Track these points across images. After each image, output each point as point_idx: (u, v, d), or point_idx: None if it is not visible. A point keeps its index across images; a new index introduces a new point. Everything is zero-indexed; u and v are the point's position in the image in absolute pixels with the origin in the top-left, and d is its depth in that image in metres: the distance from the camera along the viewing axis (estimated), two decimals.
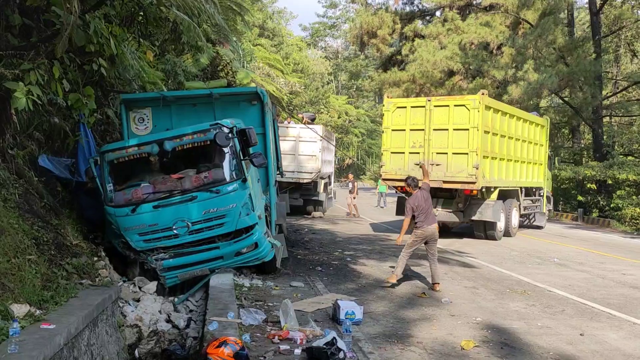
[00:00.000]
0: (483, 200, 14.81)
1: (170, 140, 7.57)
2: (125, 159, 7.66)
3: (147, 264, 7.65)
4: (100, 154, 7.86)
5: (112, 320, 6.12)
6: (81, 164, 9.04)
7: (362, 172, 66.84)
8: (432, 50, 26.44)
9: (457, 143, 13.91)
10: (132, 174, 7.90)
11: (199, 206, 7.39)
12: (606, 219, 22.24)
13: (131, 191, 7.58)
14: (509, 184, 16.00)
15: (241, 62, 29.45)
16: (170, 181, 7.61)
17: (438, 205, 14.70)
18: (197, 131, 7.60)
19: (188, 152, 7.75)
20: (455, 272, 10.45)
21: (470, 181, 13.68)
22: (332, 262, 10.98)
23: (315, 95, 51.59)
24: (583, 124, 28.60)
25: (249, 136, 7.62)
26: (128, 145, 7.82)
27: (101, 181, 7.73)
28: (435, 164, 14.08)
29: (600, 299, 8.61)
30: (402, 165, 14.74)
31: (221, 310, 6.42)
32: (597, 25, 26.16)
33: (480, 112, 13.64)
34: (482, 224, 15.21)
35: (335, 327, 6.37)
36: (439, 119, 14.20)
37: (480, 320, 7.11)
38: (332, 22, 73.76)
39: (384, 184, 24.91)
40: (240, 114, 9.10)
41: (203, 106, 9.30)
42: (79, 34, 7.47)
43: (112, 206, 7.55)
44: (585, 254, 13.63)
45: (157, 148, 7.56)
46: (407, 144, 14.69)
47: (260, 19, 45.62)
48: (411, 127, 14.64)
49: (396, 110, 15.00)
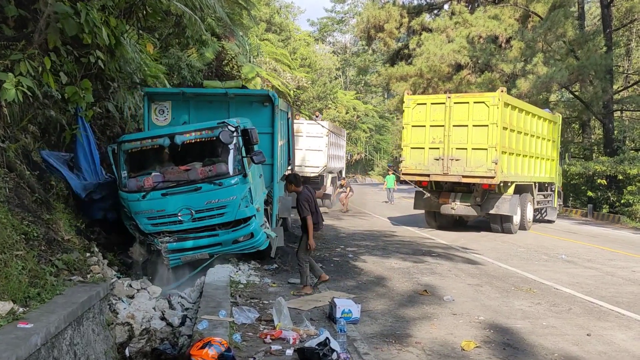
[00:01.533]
0: (500, 195, 15.14)
1: (180, 134, 8.18)
2: (139, 149, 8.30)
3: (153, 245, 8.16)
4: (117, 143, 8.42)
5: (100, 318, 5.92)
6: (81, 159, 8.92)
7: (370, 168, 66.56)
8: (439, 44, 26.07)
9: (476, 139, 14.34)
10: (145, 163, 8.49)
11: (202, 196, 7.95)
12: (616, 214, 21.85)
13: (143, 179, 8.17)
14: (524, 179, 16.33)
15: (247, 57, 29.24)
16: (179, 172, 8.22)
17: (456, 199, 15.21)
18: (205, 128, 8.22)
19: (196, 146, 8.35)
20: (459, 269, 10.19)
21: (490, 176, 14.12)
22: (333, 259, 10.77)
23: (322, 91, 51.18)
24: (593, 118, 28.12)
25: (251, 135, 8.23)
26: (143, 137, 8.51)
27: (117, 168, 8.35)
28: (455, 159, 14.59)
29: (608, 297, 8.33)
30: (422, 160, 15.17)
31: (214, 308, 6.24)
32: (608, 18, 25.68)
33: (500, 109, 14.02)
34: (499, 217, 15.55)
35: (332, 326, 6.15)
36: (459, 115, 14.61)
37: (483, 320, 6.87)
38: (340, 17, 73.21)
39: (392, 175, 25.89)
40: (252, 113, 9.84)
41: (218, 104, 10.05)
42: (70, 23, 7.30)
43: (125, 191, 8.15)
44: (594, 250, 13.32)
45: (169, 141, 8.13)
46: (427, 139, 15.09)
47: (267, 14, 45.31)
48: (431, 123, 15.04)
49: (416, 107, 15.42)
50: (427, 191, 15.76)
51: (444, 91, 27.46)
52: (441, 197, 15.44)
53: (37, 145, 8.37)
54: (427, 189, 15.76)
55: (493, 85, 26.13)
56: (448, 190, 15.49)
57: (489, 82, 26.37)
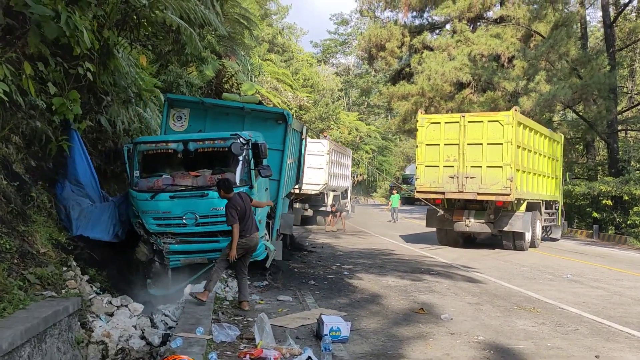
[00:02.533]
0: (513, 212, 15.25)
1: (194, 142, 8.54)
2: (153, 152, 8.67)
3: (156, 245, 8.30)
4: (133, 144, 8.80)
5: (69, 336, 5.50)
6: (80, 174, 8.67)
7: (373, 190, 66.06)
8: (441, 62, 25.85)
9: (491, 157, 14.57)
10: (157, 166, 8.78)
11: (208, 203, 8.17)
12: (622, 235, 21.30)
13: (154, 180, 8.51)
14: (534, 197, 16.53)
15: (249, 76, 29.14)
16: (188, 177, 8.54)
17: (470, 216, 15.29)
18: (218, 138, 8.57)
19: (208, 155, 8.68)
20: (459, 287, 9.73)
21: (505, 193, 14.31)
22: (327, 276, 10.33)
23: (325, 111, 51.05)
24: (598, 139, 27.72)
25: (260, 150, 8.55)
26: (158, 140, 9.00)
27: (130, 167, 8.69)
28: (470, 176, 14.76)
29: (617, 317, 7.85)
30: (437, 178, 15.32)
31: (192, 325, 5.82)
32: (611, 38, 25.44)
33: (514, 128, 14.37)
34: (512, 234, 15.61)
35: (318, 345, 5.68)
36: (473, 134, 14.83)
37: (483, 340, 6.40)
38: (343, 39, 73.52)
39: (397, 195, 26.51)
40: (266, 129, 10.15)
41: (235, 117, 10.45)
42: (50, 27, 7.02)
43: (136, 190, 8.46)
44: (600, 270, 12.82)
45: (182, 147, 8.49)
46: (442, 157, 15.26)
47: (270, 34, 45.43)
48: (445, 141, 15.21)
49: (430, 126, 15.59)
50: (440, 209, 15.78)
51: (446, 110, 27.25)
52: (455, 215, 15.54)
53: (19, 156, 8.06)
54: (440, 207, 15.78)
55: (496, 104, 25.86)
56: (461, 208, 15.60)
57: (492, 101, 26.10)
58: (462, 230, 15.66)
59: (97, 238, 8.28)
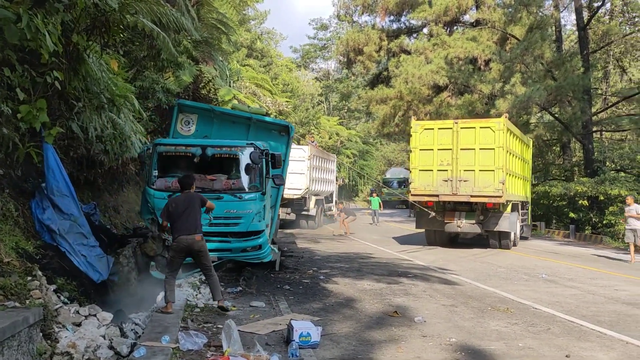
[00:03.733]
0: (501, 213, 15.96)
1: (212, 147, 9.08)
2: (172, 154, 9.24)
3: (168, 241, 8.26)
4: (153, 144, 9.33)
5: (29, 347, 5.34)
6: (62, 187, 8.44)
7: (355, 194, 66.02)
8: (417, 65, 26.01)
9: (483, 161, 15.31)
10: (175, 167, 9.26)
11: (222, 205, 8.67)
12: (599, 235, 21.54)
13: (171, 180, 8.95)
14: (517, 198, 17.31)
15: (227, 81, 28.96)
16: (205, 180, 9.04)
17: (461, 217, 15.94)
18: (236, 145, 9.20)
19: (220, 160, 9.24)
20: (435, 290, 9.71)
21: (497, 195, 15.09)
22: (302, 281, 10.23)
23: (305, 116, 50.96)
24: (573, 140, 28.04)
25: (276, 160, 9.29)
26: (178, 143, 9.54)
27: (149, 167, 9.23)
28: (463, 180, 15.47)
29: (589, 316, 7.89)
30: (431, 181, 15.97)
31: (159, 333, 5.71)
32: (584, 40, 25.79)
33: (505, 134, 15.23)
34: (498, 234, 16.42)
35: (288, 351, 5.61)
36: (466, 139, 15.56)
37: (455, 341, 6.37)
38: (322, 44, 73.60)
39: (377, 197, 27.13)
40: (269, 139, 10.62)
41: (240, 125, 10.91)
42: (10, 29, 6.87)
43: (153, 189, 9.05)
44: (575, 270, 12.91)
45: (201, 151, 9.02)
46: (435, 162, 15.91)
47: (249, 40, 45.26)
48: (439, 147, 15.88)
49: (423, 132, 16.27)
50: (431, 211, 16.28)
51: (424, 114, 27.38)
52: (446, 217, 16.13)
53: None
54: (431, 209, 16.27)
55: (473, 107, 26.03)
56: (451, 210, 16.16)
57: (469, 104, 26.28)
58: (454, 231, 16.22)
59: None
